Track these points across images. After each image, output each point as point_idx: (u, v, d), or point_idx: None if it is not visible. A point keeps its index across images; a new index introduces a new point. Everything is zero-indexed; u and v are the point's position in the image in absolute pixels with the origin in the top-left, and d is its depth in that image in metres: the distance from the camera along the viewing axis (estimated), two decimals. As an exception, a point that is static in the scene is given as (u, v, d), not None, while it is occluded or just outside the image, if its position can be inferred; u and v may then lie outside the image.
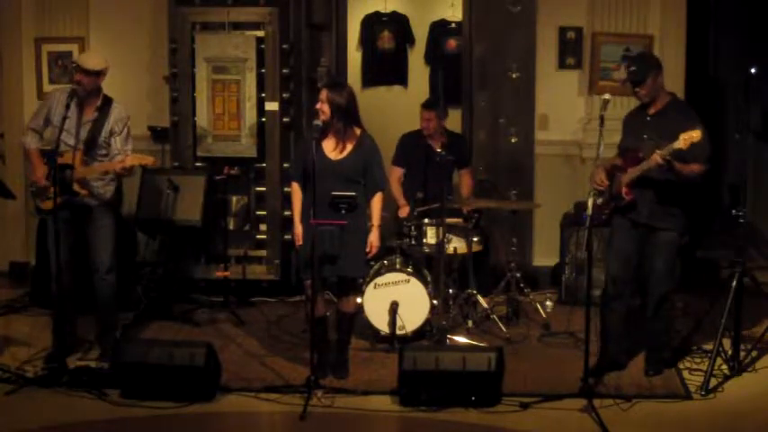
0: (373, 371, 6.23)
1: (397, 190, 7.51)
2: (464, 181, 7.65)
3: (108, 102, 6.27)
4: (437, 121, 7.45)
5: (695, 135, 5.49)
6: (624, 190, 5.83)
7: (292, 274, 7.85)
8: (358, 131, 6.01)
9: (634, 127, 6.04)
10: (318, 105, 5.95)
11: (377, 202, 6.03)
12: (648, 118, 5.95)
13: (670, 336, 6.26)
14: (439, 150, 6.93)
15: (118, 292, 6.47)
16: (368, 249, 5.98)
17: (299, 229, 6.01)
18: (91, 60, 6.22)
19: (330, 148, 5.98)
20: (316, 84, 7.95)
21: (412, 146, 7.55)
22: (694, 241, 8.68)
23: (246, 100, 7.71)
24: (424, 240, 6.97)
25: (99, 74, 6.18)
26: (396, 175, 7.55)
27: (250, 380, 6.05)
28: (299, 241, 6.01)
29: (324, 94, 5.95)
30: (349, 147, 5.97)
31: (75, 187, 6.15)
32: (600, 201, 5.77)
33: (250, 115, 7.72)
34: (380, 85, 10.20)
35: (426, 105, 7.55)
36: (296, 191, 6.09)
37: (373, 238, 5.98)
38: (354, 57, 9.93)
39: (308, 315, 6.09)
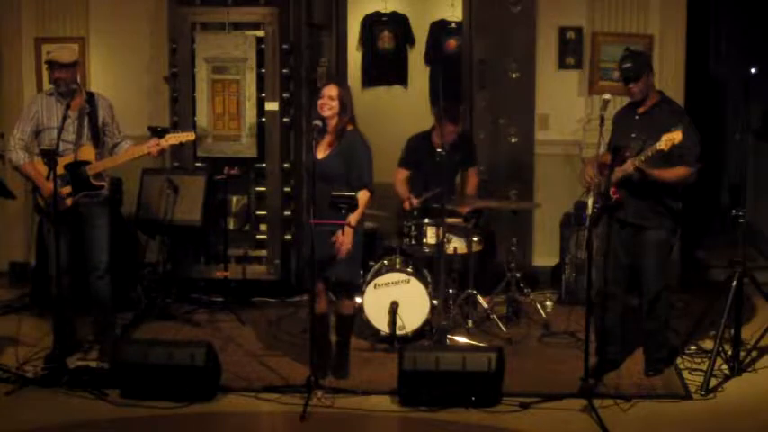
0: (373, 371, 6.23)
1: (401, 189, 7.41)
2: (470, 181, 7.58)
3: (91, 94, 6.33)
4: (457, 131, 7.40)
5: (676, 137, 5.51)
6: (612, 189, 5.83)
7: (292, 274, 7.85)
8: (350, 128, 5.99)
9: (623, 125, 6.07)
10: (325, 101, 5.88)
11: (360, 200, 5.84)
12: (637, 117, 5.97)
13: (666, 335, 6.26)
14: (439, 150, 6.92)
15: (118, 292, 6.47)
16: (336, 247, 5.81)
17: None
18: (65, 54, 6.23)
19: (321, 147, 5.96)
20: (316, 84, 7.94)
21: (420, 148, 7.49)
22: (694, 241, 8.70)
23: (246, 100, 7.71)
24: (425, 240, 6.96)
25: (75, 65, 6.22)
26: (400, 176, 7.49)
27: (250, 380, 6.05)
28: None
29: (335, 90, 5.90)
30: (334, 145, 5.95)
31: (93, 181, 6.16)
32: (589, 199, 5.78)
33: (250, 115, 7.72)
34: (380, 85, 10.22)
35: (452, 119, 7.38)
36: None
37: (343, 237, 5.79)
38: (354, 57, 9.94)
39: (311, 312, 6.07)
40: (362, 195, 5.87)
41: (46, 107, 6.21)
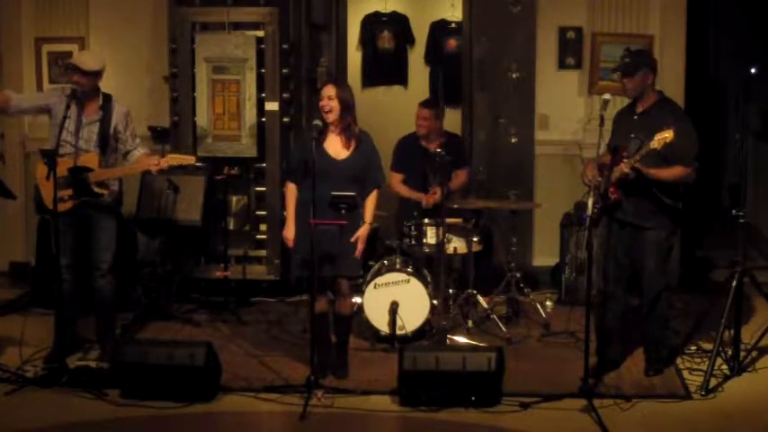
0: (373, 371, 6.23)
1: (405, 190, 7.49)
2: (456, 180, 7.50)
3: (108, 99, 6.28)
4: (434, 121, 7.44)
5: (668, 135, 5.52)
6: (611, 189, 5.82)
7: (292, 273, 7.85)
8: (357, 129, 6.01)
9: (622, 125, 6.07)
10: (325, 102, 5.90)
11: (372, 199, 6.02)
12: (635, 116, 5.98)
13: (667, 335, 6.26)
14: (438, 150, 6.92)
15: (118, 292, 6.47)
16: (358, 248, 5.93)
17: (291, 232, 6.00)
18: (89, 61, 6.19)
19: (334, 147, 5.96)
20: (316, 84, 7.95)
21: (409, 150, 7.54)
22: (694, 241, 8.70)
23: (246, 100, 7.72)
24: (424, 240, 6.97)
25: (97, 74, 6.17)
26: (396, 180, 7.54)
27: (250, 380, 6.05)
28: (291, 243, 6.01)
29: (333, 90, 5.90)
30: (352, 145, 5.96)
31: (95, 188, 6.16)
32: (590, 200, 5.78)
33: (250, 115, 7.72)
34: (380, 85, 10.20)
35: (424, 104, 7.54)
36: (291, 191, 6.05)
37: (362, 233, 5.93)
38: (354, 57, 9.93)
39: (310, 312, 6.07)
40: (375, 194, 6.02)
41: (60, 104, 6.13)
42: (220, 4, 7.78)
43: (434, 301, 6.70)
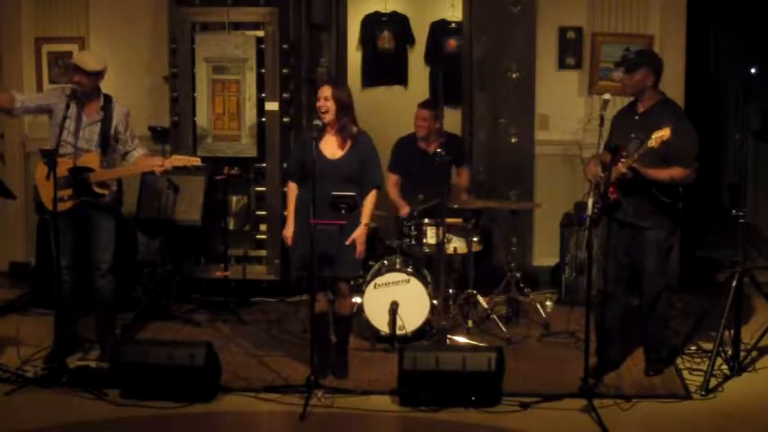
0: (373, 371, 6.23)
1: (394, 194, 7.50)
2: (461, 178, 7.62)
3: (109, 100, 6.28)
4: (433, 122, 7.43)
5: (665, 134, 5.52)
6: (610, 189, 5.81)
7: (292, 274, 7.85)
8: (355, 129, 6.00)
9: (622, 125, 6.06)
10: (321, 103, 5.90)
11: (370, 199, 5.99)
12: (636, 117, 5.97)
13: (666, 335, 6.26)
14: (438, 151, 6.92)
15: (118, 292, 6.47)
16: (357, 249, 5.92)
17: (290, 231, 6.00)
18: (91, 61, 6.18)
19: (329, 147, 5.96)
20: (315, 84, 7.94)
21: (407, 151, 7.54)
22: (694, 241, 8.69)
23: (246, 100, 7.72)
24: (424, 240, 6.97)
25: (99, 74, 6.17)
26: (392, 180, 7.53)
27: (250, 380, 6.05)
28: (290, 242, 6.01)
29: (328, 90, 5.89)
30: (347, 145, 5.96)
31: (96, 189, 6.15)
32: (590, 200, 5.78)
33: (250, 115, 7.72)
34: (380, 85, 10.20)
35: (423, 104, 7.54)
36: (292, 191, 6.06)
37: (359, 235, 5.90)
38: (354, 57, 9.93)
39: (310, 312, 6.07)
40: (374, 194, 5.99)
41: (61, 104, 6.12)
42: (220, 4, 7.78)
43: (434, 301, 6.70)
